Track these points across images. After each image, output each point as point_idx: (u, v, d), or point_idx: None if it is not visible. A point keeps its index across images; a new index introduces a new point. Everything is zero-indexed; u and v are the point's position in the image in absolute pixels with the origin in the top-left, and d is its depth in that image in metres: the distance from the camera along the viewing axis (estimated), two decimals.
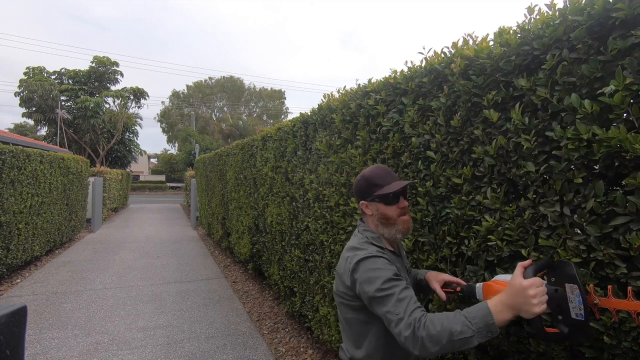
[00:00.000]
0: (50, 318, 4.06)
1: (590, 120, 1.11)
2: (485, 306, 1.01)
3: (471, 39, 1.66)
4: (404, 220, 1.29)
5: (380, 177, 1.30)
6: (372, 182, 1.30)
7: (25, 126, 42.26)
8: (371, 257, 1.22)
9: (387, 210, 1.28)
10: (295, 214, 3.50)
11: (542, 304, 0.96)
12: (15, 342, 0.58)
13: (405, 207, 1.30)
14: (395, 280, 1.15)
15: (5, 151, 5.21)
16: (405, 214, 1.30)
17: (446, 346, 0.98)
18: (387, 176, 1.30)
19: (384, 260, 1.21)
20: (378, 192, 1.28)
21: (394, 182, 1.28)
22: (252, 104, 47.03)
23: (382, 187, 1.27)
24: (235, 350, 3.44)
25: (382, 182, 1.28)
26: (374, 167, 1.36)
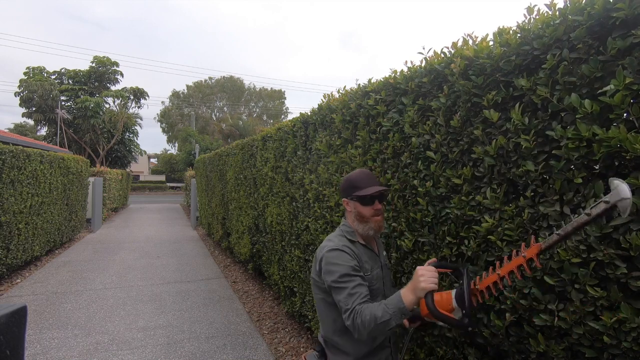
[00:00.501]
0: (50, 318, 4.06)
1: (591, 120, 1.11)
2: (398, 294, 1.25)
3: (471, 39, 1.66)
4: (376, 220, 1.47)
5: (360, 180, 1.48)
6: (353, 184, 1.49)
7: (25, 126, 42.26)
8: (336, 250, 1.41)
9: (362, 210, 1.47)
10: (295, 214, 3.50)
11: (429, 282, 1.19)
12: (15, 342, 0.58)
13: (379, 209, 1.47)
14: (351, 276, 1.35)
15: (5, 151, 5.21)
16: (378, 215, 1.47)
17: (374, 329, 1.22)
18: (367, 180, 1.47)
19: (346, 256, 1.40)
20: (356, 193, 1.47)
21: (371, 186, 1.45)
22: (252, 104, 47.03)
23: (360, 189, 1.46)
24: (235, 350, 3.44)
25: (362, 185, 1.47)
26: (359, 171, 1.55)
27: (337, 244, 1.45)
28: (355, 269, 1.37)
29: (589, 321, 1.12)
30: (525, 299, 1.32)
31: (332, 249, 1.41)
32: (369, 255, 1.51)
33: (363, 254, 1.48)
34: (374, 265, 1.51)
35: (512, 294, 1.36)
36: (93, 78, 25.33)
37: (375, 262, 1.52)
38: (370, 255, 1.52)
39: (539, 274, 1.28)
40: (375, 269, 1.50)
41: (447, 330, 1.71)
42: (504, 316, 1.41)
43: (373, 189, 1.44)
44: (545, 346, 1.25)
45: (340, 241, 1.47)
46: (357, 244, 1.49)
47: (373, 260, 1.52)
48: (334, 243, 1.45)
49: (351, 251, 1.42)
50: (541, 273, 1.28)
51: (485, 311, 1.52)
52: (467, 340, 1.62)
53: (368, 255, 1.50)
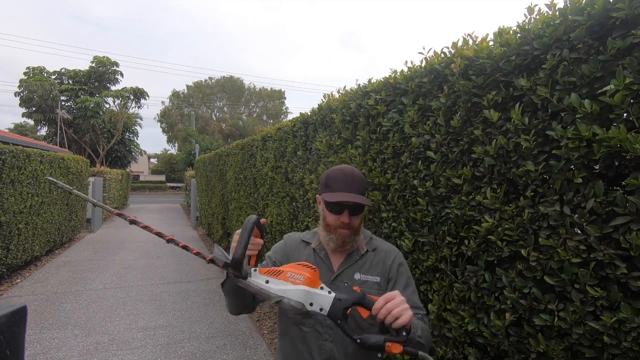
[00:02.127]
0: (50, 318, 4.06)
1: (591, 120, 1.11)
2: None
3: (471, 39, 1.66)
4: (341, 233, 1.20)
5: (336, 180, 1.21)
6: (326, 182, 1.24)
7: (25, 126, 42.25)
8: (284, 238, 1.39)
9: (327, 216, 1.23)
10: (295, 214, 3.50)
11: None
12: (15, 342, 0.58)
13: (346, 222, 1.18)
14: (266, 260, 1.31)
15: (5, 151, 5.21)
16: (344, 228, 1.19)
17: None
18: (343, 183, 1.19)
19: (280, 244, 1.35)
20: (325, 193, 1.22)
21: (343, 192, 1.18)
22: (252, 104, 47.04)
23: (330, 191, 1.20)
24: (235, 350, 3.44)
25: (333, 186, 1.20)
26: (340, 168, 1.25)
27: (291, 234, 1.38)
28: (271, 256, 1.30)
29: (589, 321, 1.12)
30: (525, 299, 1.32)
31: (285, 236, 1.39)
32: (316, 265, 1.19)
33: (304, 258, 1.27)
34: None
35: (512, 294, 1.37)
36: (93, 78, 25.33)
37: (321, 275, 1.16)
38: (318, 265, 1.22)
39: (539, 274, 1.28)
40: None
41: (447, 330, 1.71)
42: (504, 316, 1.41)
43: (342, 196, 1.17)
44: (545, 346, 1.25)
45: (296, 234, 1.37)
46: (308, 246, 1.30)
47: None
48: (293, 233, 1.39)
49: (289, 244, 1.33)
50: (541, 273, 1.28)
51: (485, 311, 1.52)
52: (467, 340, 1.62)
53: (314, 263, 1.24)
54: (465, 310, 1.59)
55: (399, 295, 0.96)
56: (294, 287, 0.95)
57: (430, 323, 1.80)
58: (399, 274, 1.24)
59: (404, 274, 1.25)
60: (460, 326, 1.62)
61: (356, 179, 1.21)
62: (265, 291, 0.96)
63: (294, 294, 0.95)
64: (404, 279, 1.24)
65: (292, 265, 1.00)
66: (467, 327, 1.56)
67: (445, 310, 1.73)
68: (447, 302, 1.71)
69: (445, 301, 1.72)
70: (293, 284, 0.96)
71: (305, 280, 0.97)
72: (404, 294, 1.13)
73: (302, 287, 0.95)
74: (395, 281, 1.23)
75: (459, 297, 1.64)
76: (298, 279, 0.97)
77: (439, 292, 1.76)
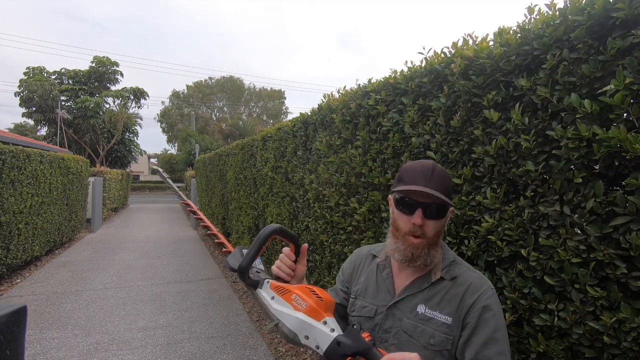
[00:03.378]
0: (50, 318, 4.06)
1: (591, 120, 1.11)
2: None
3: (471, 39, 1.66)
4: (410, 243, 0.93)
5: (410, 171, 0.95)
6: (400, 175, 0.98)
7: (25, 126, 42.26)
8: (353, 253, 1.21)
9: (397, 216, 0.97)
10: (295, 214, 3.50)
11: None
12: (15, 342, 0.58)
13: (418, 225, 0.91)
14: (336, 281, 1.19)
15: (5, 151, 5.21)
16: (416, 236, 0.92)
17: None
18: (417, 174, 0.92)
19: (348, 261, 1.19)
20: (397, 187, 0.96)
21: (415, 185, 0.90)
22: (252, 104, 47.06)
23: (403, 184, 0.94)
24: (235, 350, 3.44)
25: (407, 178, 0.94)
26: (420, 161, 0.99)
27: (363, 248, 1.19)
28: (340, 275, 1.18)
29: (589, 321, 1.12)
30: (525, 299, 1.32)
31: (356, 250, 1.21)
32: (375, 283, 1.05)
33: (367, 275, 1.09)
34: (373, 298, 1.03)
35: (512, 294, 1.37)
36: (93, 78, 25.33)
37: (377, 296, 1.03)
38: (377, 283, 1.05)
39: (539, 274, 1.28)
40: (369, 303, 1.03)
41: None
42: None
43: (417, 189, 0.89)
44: (545, 346, 1.25)
45: (368, 247, 1.17)
46: (374, 260, 1.10)
47: (375, 291, 1.04)
48: (366, 245, 1.22)
49: (356, 259, 1.15)
50: (541, 273, 1.28)
51: None
52: None
53: (372, 281, 1.06)
54: None
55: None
56: (292, 313, 0.84)
57: None
58: (481, 321, 0.88)
59: (488, 321, 0.88)
60: None
61: (438, 174, 0.93)
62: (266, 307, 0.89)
63: (290, 320, 0.84)
64: (488, 331, 0.87)
65: (302, 288, 0.88)
66: None
67: None
68: None
69: None
70: (294, 309, 0.85)
71: (308, 308, 0.84)
72: (484, 352, 0.85)
73: (301, 316, 0.83)
74: (472, 330, 0.88)
75: None
76: (301, 305, 0.85)
77: None
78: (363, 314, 1.02)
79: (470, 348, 0.87)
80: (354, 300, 1.08)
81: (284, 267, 1.00)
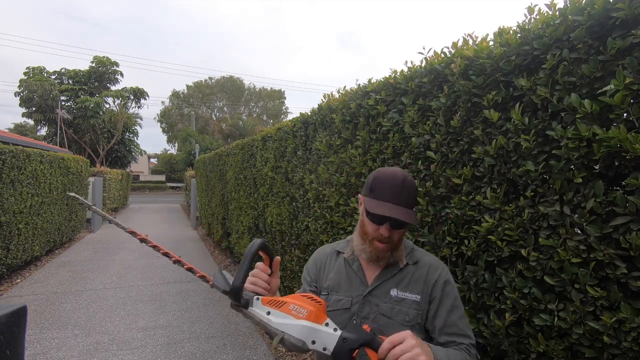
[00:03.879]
0: (50, 318, 4.06)
1: (591, 120, 1.11)
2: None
3: (471, 39, 1.66)
4: (376, 247, 1.07)
5: (382, 184, 1.04)
6: (372, 184, 1.07)
7: (25, 126, 42.26)
8: (314, 253, 1.28)
9: (366, 223, 1.08)
10: (295, 214, 3.50)
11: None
12: (15, 342, 0.58)
13: (384, 236, 1.04)
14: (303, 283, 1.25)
15: (5, 151, 5.21)
16: (381, 242, 1.05)
17: None
18: (387, 190, 1.03)
19: (311, 262, 1.26)
20: (368, 197, 1.07)
21: (387, 202, 1.01)
22: (252, 104, 47.06)
23: (373, 197, 1.05)
24: (235, 350, 3.44)
25: (378, 192, 1.04)
26: (392, 172, 1.07)
27: (324, 247, 1.28)
28: (305, 277, 1.24)
29: (589, 321, 1.12)
30: (525, 299, 1.32)
31: (317, 250, 1.29)
32: (345, 276, 1.16)
33: (335, 270, 1.18)
34: (347, 291, 1.13)
35: (512, 294, 1.37)
36: (93, 78, 25.35)
37: (351, 289, 1.13)
38: (348, 276, 1.15)
39: (539, 274, 1.28)
40: (343, 297, 1.12)
41: None
42: (503, 316, 1.41)
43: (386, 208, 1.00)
44: (545, 346, 1.25)
45: (329, 246, 1.27)
46: (340, 256, 1.20)
47: (348, 284, 1.14)
48: (326, 245, 1.31)
49: (319, 259, 1.23)
50: (541, 273, 1.28)
51: (485, 311, 1.52)
52: None
53: (343, 275, 1.16)
54: (465, 310, 1.59)
55: (410, 337, 0.82)
56: (295, 322, 0.87)
57: None
58: (445, 294, 1.08)
59: (449, 294, 1.08)
60: None
61: (407, 189, 1.03)
62: (265, 323, 0.89)
63: (295, 329, 0.86)
64: (450, 300, 1.07)
65: (297, 297, 0.92)
66: None
67: None
68: None
69: None
70: (295, 318, 0.88)
71: (309, 314, 0.88)
72: (449, 318, 1.05)
73: (305, 323, 0.87)
74: (439, 302, 1.07)
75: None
76: (301, 313, 0.88)
77: None
78: (339, 307, 1.11)
79: (439, 317, 1.07)
80: (326, 296, 1.15)
81: (260, 282, 1.01)
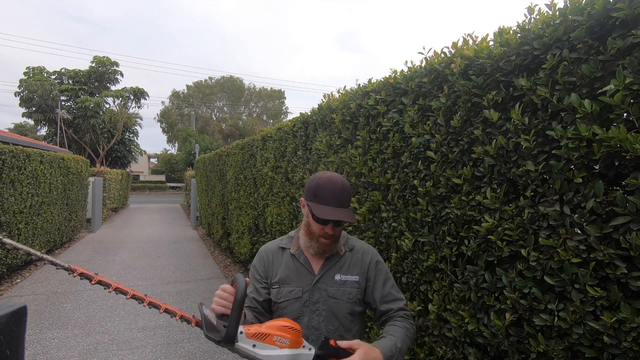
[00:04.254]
0: (50, 318, 4.06)
1: (591, 119, 1.11)
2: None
3: (471, 39, 1.66)
4: (322, 243, 1.25)
5: (324, 191, 1.20)
6: (315, 191, 1.22)
7: (25, 126, 42.24)
8: (259, 251, 1.39)
9: (312, 224, 1.25)
10: (295, 214, 3.50)
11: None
12: (15, 342, 0.58)
13: (329, 234, 1.22)
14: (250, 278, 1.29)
15: (5, 151, 5.21)
16: (327, 239, 1.24)
17: None
18: (329, 195, 1.19)
19: (257, 259, 1.37)
20: (312, 203, 1.22)
21: (330, 206, 1.19)
22: (252, 104, 47.04)
23: (318, 202, 1.20)
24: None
25: (322, 197, 1.20)
26: (330, 178, 1.23)
27: (266, 245, 1.41)
28: (254, 274, 1.35)
29: (589, 321, 1.12)
30: (525, 299, 1.32)
31: (261, 248, 1.41)
32: (294, 269, 1.30)
33: (283, 265, 1.32)
34: (297, 282, 1.28)
35: (512, 294, 1.37)
36: (93, 78, 25.32)
37: (300, 280, 1.29)
38: (297, 269, 1.30)
39: (539, 274, 1.28)
40: (294, 287, 1.28)
41: (447, 330, 1.71)
42: (504, 316, 1.41)
43: (330, 212, 1.18)
44: (545, 346, 1.25)
45: (272, 243, 1.40)
46: (286, 252, 1.34)
47: (297, 276, 1.29)
48: (268, 243, 1.42)
49: (266, 256, 1.35)
50: (541, 273, 1.28)
51: (485, 311, 1.52)
52: (467, 340, 1.62)
53: (291, 269, 1.30)
54: (465, 310, 1.59)
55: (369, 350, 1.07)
56: (280, 352, 1.01)
57: (431, 323, 1.80)
58: (377, 272, 1.32)
59: (382, 270, 1.33)
60: (460, 326, 1.62)
61: (345, 192, 1.22)
62: (253, 356, 0.99)
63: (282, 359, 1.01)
64: (383, 275, 1.33)
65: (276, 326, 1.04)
66: (467, 327, 1.56)
67: (445, 310, 1.73)
68: (447, 302, 1.71)
69: (445, 301, 1.72)
70: (279, 348, 1.01)
71: (291, 343, 1.02)
72: (385, 289, 1.31)
73: (288, 352, 1.01)
74: (374, 279, 1.31)
75: (459, 297, 1.64)
76: (284, 343, 1.02)
77: (439, 292, 1.76)
78: (291, 297, 1.27)
79: (377, 290, 1.30)
80: (278, 289, 1.29)
81: (224, 302, 1.09)
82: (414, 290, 1.96)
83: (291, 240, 1.37)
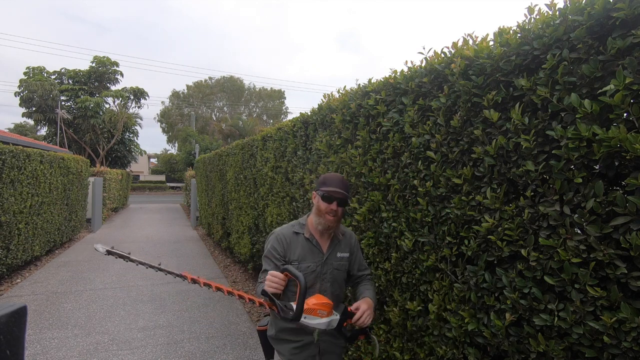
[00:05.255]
0: (50, 318, 4.06)
1: (591, 119, 1.11)
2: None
3: (471, 39, 1.66)
4: (328, 219, 1.66)
5: (331, 180, 1.68)
6: (324, 180, 1.69)
7: (25, 126, 42.25)
8: (273, 235, 1.73)
9: (321, 204, 1.67)
10: (295, 214, 3.50)
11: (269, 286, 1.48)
12: (15, 342, 0.58)
13: (334, 210, 1.64)
14: (268, 258, 1.68)
15: (5, 151, 5.21)
16: (331, 215, 1.65)
17: (258, 290, 1.57)
18: (336, 183, 1.66)
19: (275, 242, 1.69)
20: (322, 187, 1.67)
21: (337, 188, 1.64)
22: (252, 104, 47.03)
23: (326, 187, 1.66)
24: (235, 350, 3.44)
25: (329, 184, 1.66)
26: (335, 174, 1.75)
27: (280, 230, 1.74)
28: (274, 254, 1.66)
29: (589, 321, 1.12)
30: (525, 299, 1.32)
31: (273, 232, 1.74)
32: (308, 249, 1.70)
33: (299, 246, 1.69)
34: (312, 259, 1.69)
35: (512, 294, 1.36)
36: (93, 78, 25.31)
37: (314, 257, 1.70)
38: (311, 249, 1.70)
39: (539, 274, 1.28)
40: (310, 263, 1.68)
41: (447, 330, 1.71)
42: (504, 316, 1.41)
43: (336, 190, 1.63)
44: (545, 346, 1.25)
45: (286, 229, 1.74)
46: (300, 236, 1.71)
47: (311, 255, 1.70)
48: (280, 228, 1.76)
49: (284, 239, 1.69)
50: (541, 273, 1.28)
51: (485, 311, 1.52)
52: (467, 340, 1.62)
53: (307, 249, 1.70)
54: (465, 310, 1.59)
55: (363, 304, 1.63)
56: (321, 320, 1.51)
57: (431, 323, 1.80)
58: (357, 249, 1.86)
59: (359, 247, 1.90)
60: (460, 326, 1.62)
61: (346, 183, 1.71)
62: (306, 324, 1.48)
63: (323, 324, 1.52)
64: (359, 252, 1.88)
65: (318, 304, 1.51)
66: (467, 327, 1.56)
67: (445, 310, 1.73)
68: (447, 302, 1.71)
69: (445, 301, 1.72)
70: (320, 318, 1.51)
71: (327, 313, 1.53)
72: (360, 261, 1.87)
73: (326, 319, 1.53)
74: (355, 255, 1.84)
75: (459, 297, 1.64)
76: (323, 313, 1.51)
77: (439, 292, 1.76)
78: (308, 271, 1.66)
79: (356, 262, 1.85)
80: (297, 264, 1.65)
81: (276, 285, 1.49)
82: (414, 290, 1.96)
83: (302, 226, 1.74)
